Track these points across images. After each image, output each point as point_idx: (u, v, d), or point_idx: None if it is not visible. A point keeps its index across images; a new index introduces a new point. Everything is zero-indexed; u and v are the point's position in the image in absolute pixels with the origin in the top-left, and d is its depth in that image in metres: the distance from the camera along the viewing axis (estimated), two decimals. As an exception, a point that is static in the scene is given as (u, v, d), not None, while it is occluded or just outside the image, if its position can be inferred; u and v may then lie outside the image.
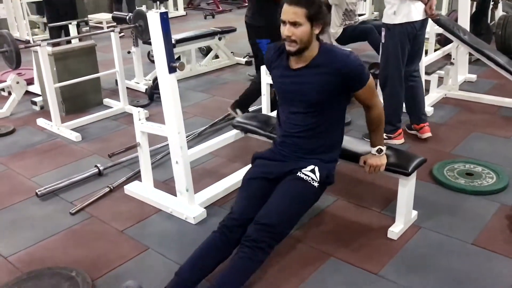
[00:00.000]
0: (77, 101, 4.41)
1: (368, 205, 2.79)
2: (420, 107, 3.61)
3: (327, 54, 2.19)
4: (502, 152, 3.38)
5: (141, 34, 4.46)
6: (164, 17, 2.40)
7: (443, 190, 2.93)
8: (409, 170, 2.37)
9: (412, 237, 2.48)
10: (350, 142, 2.61)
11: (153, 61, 5.75)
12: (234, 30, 5.87)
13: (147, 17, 2.47)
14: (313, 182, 2.20)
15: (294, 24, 2.09)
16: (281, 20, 2.13)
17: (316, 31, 2.14)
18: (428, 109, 4.09)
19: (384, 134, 3.41)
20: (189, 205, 2.72)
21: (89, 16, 8.37)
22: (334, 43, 5.45)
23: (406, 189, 2.44)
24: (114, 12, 5.11)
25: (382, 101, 3.30)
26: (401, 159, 2.46)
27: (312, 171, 2.22)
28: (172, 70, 2.48)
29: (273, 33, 3.18)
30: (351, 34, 5.43)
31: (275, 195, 2.18)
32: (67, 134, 3.86)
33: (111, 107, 4.45)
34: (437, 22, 4.45)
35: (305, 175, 2.20)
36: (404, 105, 3.63)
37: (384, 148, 2.39)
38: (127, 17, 4.73)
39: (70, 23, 4.54)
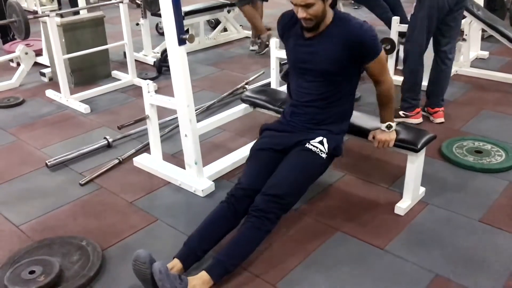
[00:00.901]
0: (85, 73, 4.41)
1: (375, 180, 2.80)
2: (443, 92, 3.52)
3: (341, 23, 2.16)
4: (512, 130, 3.36)
5: (150, 6, 4.42)
6: (174, -12, 2.36)
7: (451, 167, 2.93)
8: (418, 147, 2.36)
9: (419, 213, 2.49)
10: (359, 118, 2.59)
11: (161, 34, 5.73)
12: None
13: (157, -12, 2.44)
14: (321, 154, 2.21)
15: (306, 5, 2.07)
16: (293, 3, 2.11)
17: (329, 1, 2.11)
18: (438, 86, 4.06)
19: (401, 112, 3.41)
20: (197, 178, 2.74)
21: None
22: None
23: (415, 165, 2.44)
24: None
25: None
26: (410, 135, 2.45)
27: (321, 142, 2.23)
28: (182, 42, 2.46)
29: None
30: None
31: (283, 166, 2.19)
32: (76, 105, 3.87)
33: (120, 79, 4.44)
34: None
35: (314, 146, 2.21)
36: (426, 84, 3.53)
37: (393, 124, 2.38)
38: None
39: (79, -6, 4.50)
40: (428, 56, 3.47)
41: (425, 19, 3.18)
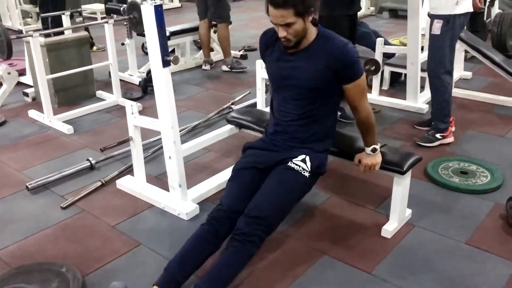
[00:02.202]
0: (69, 93, 4.36)
1: (362, 202, 2.78)
2: None
3: (325, 40, 2.15)
4: (497, 150, 3.38)
5: (135, 26, 4.40)
6: (158, 10, 2.36)
7: (437, 188, 2.92)
8: (404, 169, 2.35)
9: (406, 236, 2.47)
10: (345, 139, 2.58)
11: (147, 53, 5.67)
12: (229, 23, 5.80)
13: (141, 9, 2.42)
14: (304, 172, 2.17)
15: (286, 25, 2.05)
16: (271, 22, 2.09)
17: (309, 19, 2.09)
18: (423, 106, 4.09)
19: (438, 134, 3.45)
20: (182, 201, 2.69)
21: (82, 6, 8.32)
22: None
23: (401, 187, 2.42)
24: (108, 3, 5.03)
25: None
26: (396, 158, 2.44)
27: (303, 160, 2.19)
28: (166, 64, 2.44)
29: (332, 24, 3.14)
30: None
31: (265, 186, 2.14)
32: (59, 126, 3.82)
33: (104, 100, 4.40)
34: (433, 18, 4.44)
35: (296, 164, 2.17)
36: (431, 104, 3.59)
37: (378, 146, 2.37)
38: (121, 9, 4.66)
39: (63, 14, 4.47)
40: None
41: (455, 38, 3.29)
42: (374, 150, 2.34)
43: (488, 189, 2.85)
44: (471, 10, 3.28)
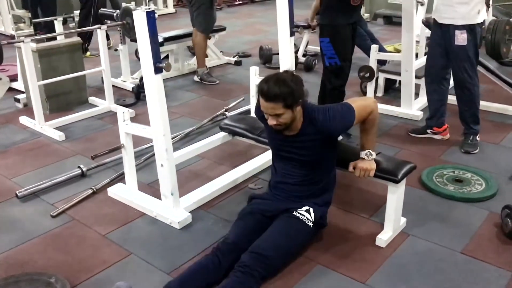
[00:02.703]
0: (61, 99, 4.31)
1: (356, 211, 2.75)
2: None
3: (311, 123, 2.26)
4: (491, 158, 3.36)
5: (129, 32, 4.37)
6: (150, 16, 2.33)
7: (432, 196, 2.90)
8: (399, 177, 2.33)
9: (401, 245, 2.44)
10: (340, 149, 2.56)
11: (139, 59, 5.67)
12: (223, 29, 5.79)
13: (134, 16, 2.39)
14: (308, 222, 2.28)
15: (276, 115, 2.16)
16: (262, 110, 2.21)
17: (298, 108, 2.20)
18: (418, 113, 4.08)
19: (477, 137, 3.52)
20: (174, 209, 2.65)
21: (76, 12, 8.28)
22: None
23: (395, 196, 2.40)
24: (101, 9, 5.00)
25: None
26: (390, 166, 2.42)
27: (307, 211, 2.30)
28: (158, 70, 2.41)
29: (334, 32, 3.31)
30: None
31: (271, 230, 2.24)
32: (50, 133, 3.77)
33: (97, 106, 4.36)
34: (428, 25, 4.45)
35: (301, 214, 2.28)
36: (431, 107, 3.67)
37: (373, 152, 2.36)
38: (115, 14, 4.64)
39: (56, 19, 4.44)
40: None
41: (477, 47, 3.33)
42: (369, 155, 2.34)
43: (483, 197, 2.83)
44: (486, 17, 3.32)
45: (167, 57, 5.48)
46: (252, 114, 3.62)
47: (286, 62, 3.23)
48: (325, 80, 3.58)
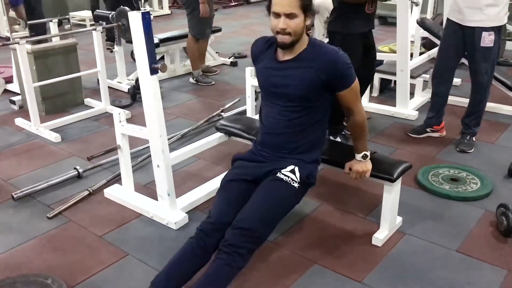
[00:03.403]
0: (57, 101, 4.31)
1: (352, 210, 2.76)
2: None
3: (316, 48, 2.14)
4: (487, 157, 3.38)
5: (124, 33, 4.36)
6: (146, 17, 2.33)
7: (427, 195, 2.91)
8: (394, 177, 2.34)
9: (397, 244, 2.45)
10: (335, 147, 2.57)
11: (135, 60, 5.67)
12: (219, 30, 5.80)
13: (129, 17, 2.40)
14: (293, 183, 2.12)
15: (289, 15, 2.04)
16: (274, 13, 2.06)
17: (308, 21, 2.10)
18: (413, 113, 4.10)
19: (474, 137, 3.55)
20: (170, 210, 2.65)
21: (71, 13, 8.25)
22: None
23: (391, 195, 2.41)
24: (97, 10, 5.00)
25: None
26: (386, 165, 2.43)
27: (292, 171, 2.14)
28: (154, 71, 2.42)
29: (345, 42, 3.06)
30: None
31: (253, 198, 2.09)
32: (46, 134, 3.76)
33: (93, 107, 4.36)
34: (422, 25, 4.47)
35: (285, 175, 2.13)
36: (435, 106, 3.70)
37: (369, 153, 2.36)
38: (110, 16, 4.63)
39: (51, 21, 4.43)
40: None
41: (499, 47, 3.37)
42: (365, 157, 2.33)
43: (478, 196, 2.84)
44: None
45: (162, 58, 5.49)
46: (248, 114, 3.63)
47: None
48: None
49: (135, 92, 4.55)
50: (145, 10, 2.36)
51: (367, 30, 3.32)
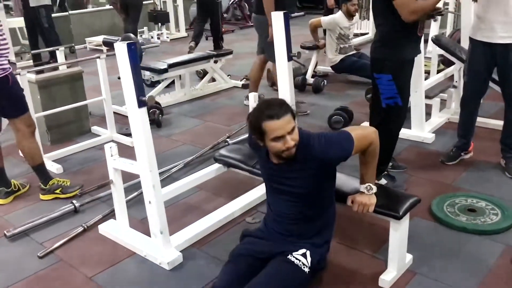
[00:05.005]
0: (63, 130, 4.26)
1: (359, 246, 2.56)
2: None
3: (305, 149, 2.04)
4: (509, 185, 3.13)
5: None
6: (131, 48, 2.22)
7: (442, 228, 2.69)
8: (400, 213, 2.15)
9: (406, 286, 2.24)
10: (339, 180, 2.39)
11: (148, 85, 5.63)
12: (230, 53, 5.71)
13: (115, 48, 2.30)
14: (303, 267, 2.04)
15: (291, 131, 1.97)
16: (275, 138, 1.96)
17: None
18: (429, 136, 3.87)
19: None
20: (163, 249, 2.51)
21: (87, 39, 8.35)
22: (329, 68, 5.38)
23: (398, 233, 2.21)
24: (105, 37, 4.98)
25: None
26: (392, 200, 2.24)
27: (304, 255, 2.07)
28: (141, 104, 2.30)
29: (398, 68, 2.85)
30: (350, 67, 5.33)
31: (262, 275, 2.01)
32: (48, 165, 3.67)
33: (99, 135, 4.29)
34: (437, 43, 4.27)
35: (296, 258, 2.05)
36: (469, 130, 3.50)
37: (374, 186, 2.17)
38: (115, 43, 4.58)
39: (58, 49, 4.40)
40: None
41: None
42: (369, 189, 2.16)
43: (499, 229, 2.61)
44: None
45: (173, 82, 5.41)
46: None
47: (284, 87, 3.09)
48: (377, 124, 2.87)
49: (142, 119, 4.47)
50: (130, 41, 2.25)
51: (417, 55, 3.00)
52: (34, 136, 3.26)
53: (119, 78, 4.82)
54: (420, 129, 3.90)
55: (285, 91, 3.05)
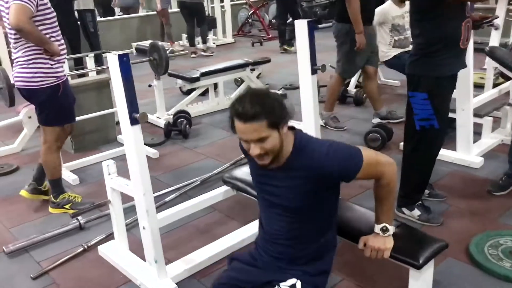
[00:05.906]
0: (87, 138, 4.17)
1: (378, 290, 2.23)
2: None
3: (302, 154, 1.71)
4: None
5: (156, 68, 4.16)
6: (123, 60, 2.02)
7: (480, 274, 2.30)
8: (420, 262, 1.80)
9: None
10: (353, 213, 2.08)
11: (184, 93, 5.48)
12: (268, 61, 5.47)
13: (107, 60, 2.11)
14: None
15: (260, 140, 1.62)
16: (242, 139, 1.66)
17: (285, 130, 1.67)
18: (477, 160, 3.44)
19: None
20: (158, 279, 2.29)
21: (133, 44, 8.37)
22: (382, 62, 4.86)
23: (418, 283, 1.86)
24: (138, 44, 4.87)
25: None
26: (413, 243, 1.90)
27: (292, 286, 1.75)
28: (134, 121, 2.09)
29: (435, 86, 2.54)
30: (404, 67, 4.82)
31: None
32: (65, 176, 3.58)
33: (123, 145, 4.15)
34: (491, 55, 3.81)
35: None
36: None
37: (391, 227, 1.84)
38: (147, 50, 4.46)
39: (87, 55, 4.35)
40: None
41: None
42: (384, 230, 1.83)
43: (550, 280, 2.19)
44: None
45: (207, 90, 5.23)
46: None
47: (307, 102, 2.80)
48: (410, 148, 2.73)
49: (169, 129, 4.32)
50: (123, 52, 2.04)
51: (460, 70, 2.64)
52: (59, 151, 3.15)
53: (150, 86, 4.77)
54: (467, 151, 3.47)
55: (308, 108, 2.78)
